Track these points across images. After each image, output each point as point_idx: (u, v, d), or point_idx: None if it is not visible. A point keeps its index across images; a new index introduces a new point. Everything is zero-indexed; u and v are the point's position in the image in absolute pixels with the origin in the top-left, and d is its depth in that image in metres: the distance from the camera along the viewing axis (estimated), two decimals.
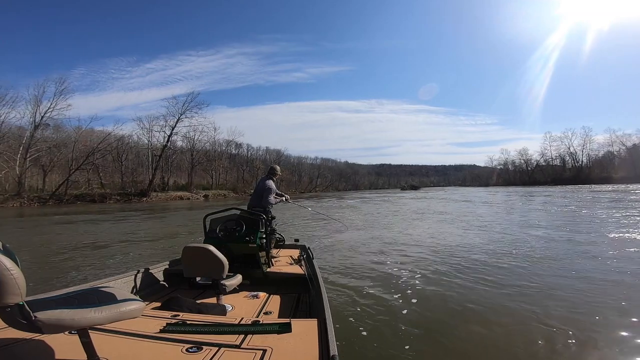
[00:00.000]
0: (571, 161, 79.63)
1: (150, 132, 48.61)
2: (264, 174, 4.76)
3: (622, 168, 65.74)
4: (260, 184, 4.58)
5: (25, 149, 35.04)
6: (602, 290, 4.01)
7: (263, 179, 4.65)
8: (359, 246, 7.40)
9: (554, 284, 4.31)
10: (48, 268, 5.93)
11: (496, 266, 5.31)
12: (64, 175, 37.75)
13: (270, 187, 4.49)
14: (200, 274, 2.84)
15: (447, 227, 10.44)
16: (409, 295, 4.03)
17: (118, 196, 38.26)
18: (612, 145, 72.93)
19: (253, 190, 4.76)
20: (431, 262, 5.64)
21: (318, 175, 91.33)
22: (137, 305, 1.47)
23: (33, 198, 32.40)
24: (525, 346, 2.76)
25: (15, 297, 1.15)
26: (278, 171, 4.82)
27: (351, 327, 3.16)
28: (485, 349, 2.76)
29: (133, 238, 9.56)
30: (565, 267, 5.20)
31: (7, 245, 1.31)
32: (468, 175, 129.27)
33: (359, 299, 3.95)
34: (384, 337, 2.97)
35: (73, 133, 41.37)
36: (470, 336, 2.98)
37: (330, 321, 1.86)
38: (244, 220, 3.71)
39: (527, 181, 79.41)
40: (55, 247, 8.16)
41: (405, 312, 3.51)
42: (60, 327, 1.24)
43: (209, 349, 1.57)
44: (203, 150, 55.10)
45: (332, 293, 4.04)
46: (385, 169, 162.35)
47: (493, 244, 7.26)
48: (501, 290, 4.16)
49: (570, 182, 64.92)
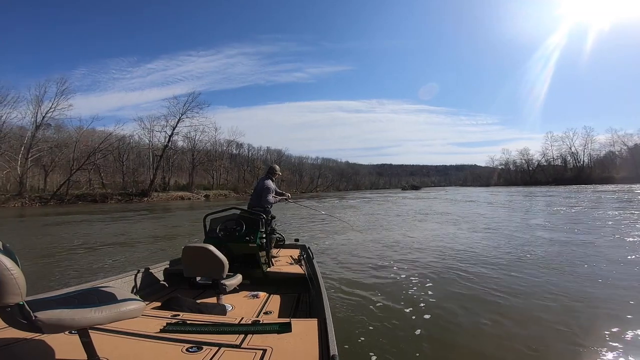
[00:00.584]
0: (573, 161, 79.46)
1: (151, 132, 48.78)
2: (264, 174, 4.77)
3: (624, 168, 65.53)
4: (260, 184, 4.58)
5: (27, 149, 35.15)
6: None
7: (262, 178, 4.66)
8: (359, 247, 7.39)
9: (578, 293, 3.95)
10: (48, 268, 5.95)
11: (505, 270, 5.06)
12: (65, 175, 37.83)
13: (269, 186, 4.49)
14: (201, 274, 2.85)
15: (451, 228, 10.39)
16: (410, 296, 4.02)
17: (119, 196, 38.33)
18: (614, 145, 72.80)
19: (253, 190, 4.77)
20: (434, 264, 5.59)
21: (319, 175, 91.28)
22: (137, 305, 1.47)
23: (34, 198, 32.47)
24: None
25: (16, 297, 1.15)
26: (277, 171, 4.82)
27: (351, 327, 3.16)
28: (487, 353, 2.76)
29: (134, 238, 9.58)
30: (587, 273, 4.79)
31: (7, 245, 1.31)
32: (469, 175, 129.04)
33: (359, 299, 3.95)
34: (384, 337, 2.96)
35: (74, 133, 41.51)
36: (471, 338, 2.97)
37: (330, 321, 1.87)
38: (244, 220, 3.71)
39: (528, 181, 79.24)
40: (56, 246, 8.18)
41: (405, 313, 3.51)
42: (60, 327, 1.25)
43: (209, 348, 1.57)
44: (204, 150, 55.18)
45: (332, 293, 4.04)
46: (386, 169, 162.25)
47: (502, 247, 6.90)
48: (509, 293, 4.05)
49: (571, 182, 64.76)
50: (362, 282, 4.64)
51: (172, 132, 46.79)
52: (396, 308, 3.64)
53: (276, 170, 4.81)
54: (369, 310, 3.60)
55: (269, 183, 4.55)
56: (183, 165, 54.59)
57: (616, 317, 3.24)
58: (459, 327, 3.15)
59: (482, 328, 3.14)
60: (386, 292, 4.16)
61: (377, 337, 2.97)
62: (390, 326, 3.18)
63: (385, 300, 3.87)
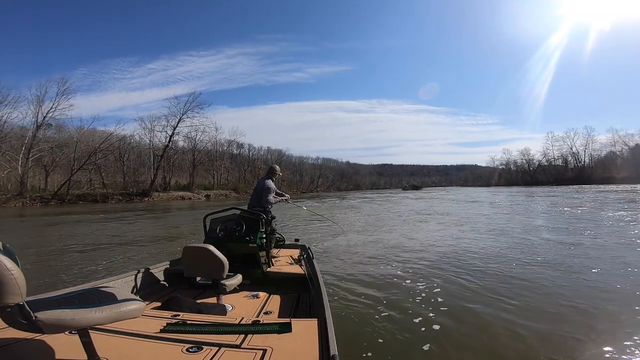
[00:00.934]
0: (573, 161, 79.31)
1: (152, 132, 48.83)
2: (265, 174, 4.77)
3: (625, 168, 65.37)
4: (260, 183, 4.58)
5: (28, 149, 35.19)
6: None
7: (262, 178, 4.65)
8: (360, 248, 7.39)
9: (593, 300, 3.73)
10: (45, 268, 5.95)
11: (512, 274, 4.88)
12: (66, 175, 37.87)
13: (269, 186, 4.49)
14: (201, 274, 2.85)
15: (455, 229, 10.39)
16: (411, 297, 4.02)
17: (120, 196, 38.36)
18: (615, 145, 72.58)
19: (253, 190, 4.77)
20: (436, 266, 5.56)
21: (319, 175, 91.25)
22: (138, 305, 1.48)
23: (35, 198, 32.51)
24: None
25: (16, 297, 1.15)
26: (278, 171, 4.82)
27: (352, 327, 3.16)
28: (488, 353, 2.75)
29: (133, 238, 9.59)
30: (601, 279, 4.53)
31: (7, 246, 1.32)
32: (470, 175, 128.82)
33: (359, 299, 3.95)
34: (385, 337, 2.96)
35: (75, 133, 41.54)
36: (471, 339, 2.97)
37: (330, 321, 1.87)
38: (244, 220, 3.72)
39: (529, 181, 79.09)
40: (56, 246, 8.20)
41: (406, 313, 3.51)
42: (60, 327, 1.25)
43: (209, 348, 1.57)
44: (204, 150, 55.20)
45: (333, 293, 4.04)
46: (386, 169, 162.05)
47: (512, 250, 6.61)
48: (514, 296, 4.01)
49: (572, 182, 64.60)
50: (362, 283, 4.64)
51: (172, 132, 46.86)
52: (397, 308, 3.64)
53: (276, 170, 4.81)
54: (370, 310, 3.60)
55: (269, 183, 4.54)
56: (184, 165, 54.61)
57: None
58: (460, 327, 3.14)
59: (482, 328, 3.13)
60: (387, 293, 4.16)
61: (378, 337, 2.96)
62: (391, 326, 3.17)
63: (386, 301, 3.87)
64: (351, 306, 3.72)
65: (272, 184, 4.60)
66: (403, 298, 3.97)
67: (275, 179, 4.74)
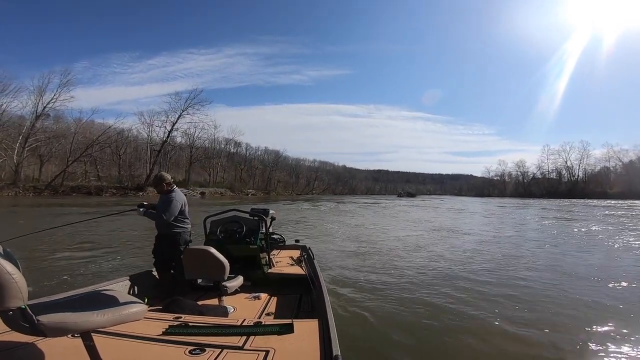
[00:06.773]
0: (567, 175, 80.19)
1: (150, 127, 48.67)
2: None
3: (618, 184, 66.33)
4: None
5: (25, 138, 34.94)
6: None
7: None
8: (361, 249, 7.38)
9: (592, 312, 3.69)
10: (45, 268, 5.73)
11: (516, 282, 4.87)
12: (62, 166, 37.61)
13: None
14: (202, 276, 2.85)
15: (454, 239, 10.43)
16: (412, 297, 4.04)
17: (114, 189, 38.16)
18: (609, 161, 73.47)
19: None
20: (439, 271, 5.58)
21: (315, 177, 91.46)
22: (139, 308, 1.48)
23: (28, 188, 32.27)
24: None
25: (17, 301, 1.15)
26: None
27: (354, 327, 3.15)
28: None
29: (132, 238, 9.46)
30: (598, 290, 4.52)
31: (8, 250, 1.32)
32: (464, 185, 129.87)
33: (361, 299, 3.95)
34: (386, 337, 2.97)
35: (73, 124, 41.37)
36: (472, 339, 2.97)
37: (332, 321, 1.87)
38: (244, 221, 3.71)
39: (522, 193, 79.78)
40: (51, 244, 7.96)
41: (408, 314, 3.52)
42: (63, 330, 1.25)
43: (212, 350, 1.57)
44: (202, 147, 55.11)
45: (334, 294, 4.02)
46: (382, 175, 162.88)
47: (517, 258, 6.64)
48: (512, 298, 4.04)
49: (565, 195, 65.18)
50: (363, 283, 4.65)
51: (172, 127, 46.91)
52: (399, 309, 3.66)
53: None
54: (372, 310, 3.60)
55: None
56: (180, 162, 54.49)
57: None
58: (461, 329, 3.16)
59: (483, 329, 3.15)
60: (388, 294, 4.18)
61: (380, 337, 2.97)
62: (393, 326, 3.18)
63: (388, 301, 3.89)
64: (353, 306, 3.71)
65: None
66: (405, 299, 3.98)
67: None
